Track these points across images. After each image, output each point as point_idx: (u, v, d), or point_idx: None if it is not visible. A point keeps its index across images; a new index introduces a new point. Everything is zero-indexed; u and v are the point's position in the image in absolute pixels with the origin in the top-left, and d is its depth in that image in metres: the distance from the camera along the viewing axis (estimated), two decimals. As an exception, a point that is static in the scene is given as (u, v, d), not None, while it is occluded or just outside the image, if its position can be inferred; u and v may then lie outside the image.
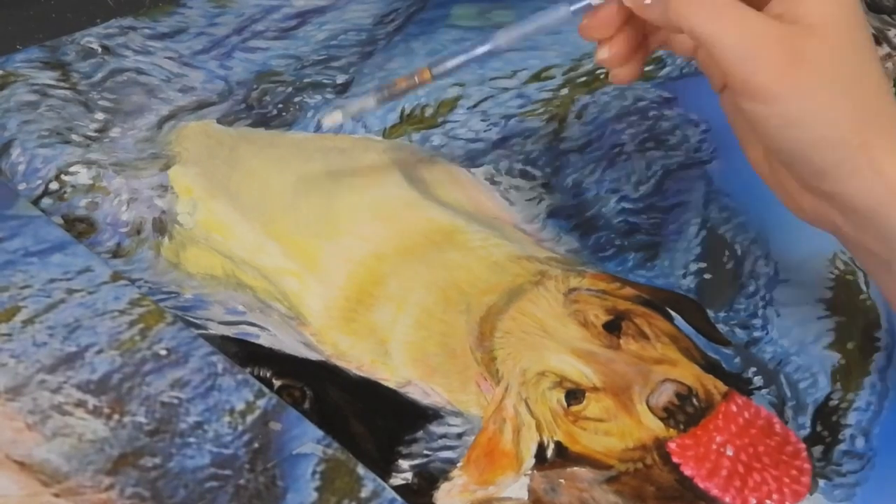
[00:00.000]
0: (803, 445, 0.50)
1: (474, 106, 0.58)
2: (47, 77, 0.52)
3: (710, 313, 0.54)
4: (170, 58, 0.55)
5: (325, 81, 0.57)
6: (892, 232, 0.44)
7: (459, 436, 0.46)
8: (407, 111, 0.58)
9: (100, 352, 0.43)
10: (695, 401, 0.49)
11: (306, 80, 0.57)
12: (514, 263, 0.53)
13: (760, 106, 0.43)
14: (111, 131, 0.52)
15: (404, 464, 0.45)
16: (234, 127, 0.54)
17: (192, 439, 0.42)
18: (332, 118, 0.49)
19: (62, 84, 0.53)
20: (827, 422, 0.51)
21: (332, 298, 0.49)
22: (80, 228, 0.48)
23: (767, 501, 0.47)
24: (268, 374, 0.46)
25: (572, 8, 0.45)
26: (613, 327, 0.51)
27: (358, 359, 0.48)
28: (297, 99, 0.56)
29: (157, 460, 0.41)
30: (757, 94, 0.43)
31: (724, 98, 0.47)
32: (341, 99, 0.52)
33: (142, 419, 0.42)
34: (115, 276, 0.46)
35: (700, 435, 0.48)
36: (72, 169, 0.49)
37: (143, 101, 0.53)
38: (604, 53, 0.47)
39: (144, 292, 0.46)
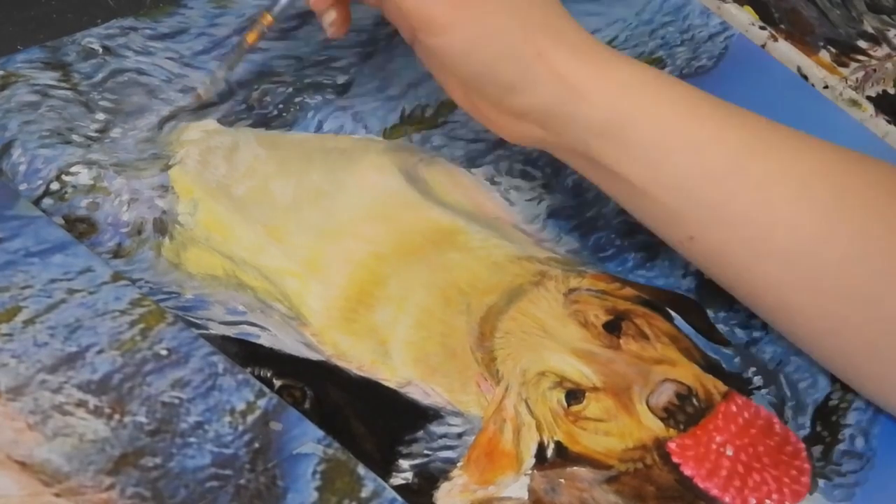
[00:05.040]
0: (803, 445, 0.50)
1: (475, 106, 0.58)
2: (48, 77, 0.52)
3: (710, 313, 0.54)
4: (170, 58, 0.56)
5: (325, 82, 0.57)
6: (580, 125, 0.48)
7: (459, 436, 0.46)
8: (407, 112, 0.58)
9: (100, 352, 0.43)
10: (695, 401, 0.50)
11: (307, 81, 0.57)
12: (514, 264, 0.53)
13: (441, 38, 0.48)
14: (112, 132, 0.52)
15: (404, 464, 0.45)
16: (234, 127, 0.54)
17: (192, 439, 0.42)
18: (197, 95, 0.54)
19: (63, 84, 0.53)
20: (826, 422, 0.51)
21: (332, 299, 0.49)
22: (81, 229, 0.48)
23: (767, 501, 0.47)
24: (268, 375, 0.46)
25: None
26: (613, 327, 0.51)
27: (358, 359, 0.48)
28: (297, 99, 0.56)
29: (158, 460, 0.41)
30: (434, 27, 0.48)
31: (417, 49, 0.51)
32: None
33: (142, 419, 0.42)
34: (116, 277, 0.46)
35: (700, 435, 0.48)
36: (73, 169, 0.49)
37: (144, 101, 0.53)
38: (329, 18, 0.52)
39: (145, 292, 0.46)
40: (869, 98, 0.68)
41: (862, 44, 0.71)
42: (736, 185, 0.48)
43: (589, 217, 0.57)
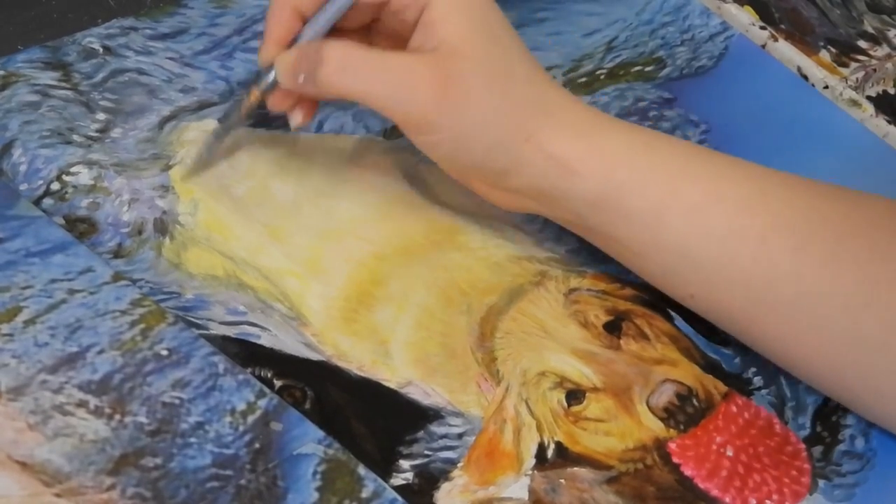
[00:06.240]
0: (803, 446, 0.50)
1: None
2: (49, 77, 0.52)
3: (711, 314, 0.54)
4: (171, 58, 0.56)
5: (325, 82, 0.57)
6: (574, 199, 0.48)
7: (460, 436, 0.46)
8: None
9: (101, 352, 0.43)
10: (695, 401, 0.50)
11: (307, 81, 0.57)
12: (514, 264, 0.53)
13: (427, 136, 0.47)
14: (112, 132, 0.52)
15: (405, 464, 0.45)
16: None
17: (193, 439, 0.42)
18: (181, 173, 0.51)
19: (63, 84, 0.53)
20: (827, 422, 0.51)
21: (332, 299, 0.49)
22: (82, 229, 0.48)
23: (767, 502, 0.47)
24: (269, 375, 0.46)
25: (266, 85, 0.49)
26: (614, 328, 0.51)
27: (359, 359, 0.48)
28: (297, 99, 0.56)
29: (159, 460, 0.41)
30: (420, 127, 0.47)
31: None
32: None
33: (143, 419, 0.42)
34: (117, 277, 0.46)
35: (700, 435, 0.48)
36: (73, 169, 0.49)
37: (145, 101, 0.53)
38: (297, 119, 0.50)
39: (146, 293, 0.46)
40: (869, 98, 0.68)
41: (862, 44, 0.71)
42: (736, 243, 0.47)
43: (589, 217, 0.57)
